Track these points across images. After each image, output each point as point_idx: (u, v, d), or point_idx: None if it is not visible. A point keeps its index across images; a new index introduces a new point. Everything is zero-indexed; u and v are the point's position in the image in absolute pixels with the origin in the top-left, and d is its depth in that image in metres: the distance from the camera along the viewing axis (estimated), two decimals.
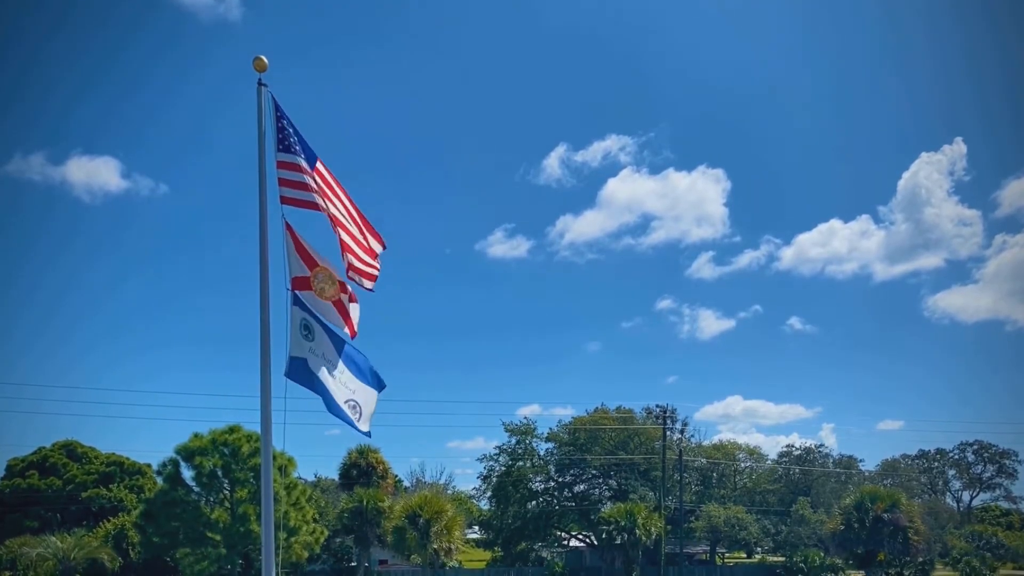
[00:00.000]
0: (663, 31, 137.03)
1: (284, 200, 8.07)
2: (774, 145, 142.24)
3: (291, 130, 8.06)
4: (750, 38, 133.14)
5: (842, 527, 46.00)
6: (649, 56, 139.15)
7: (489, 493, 66.85)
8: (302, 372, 7.95)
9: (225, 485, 39.27)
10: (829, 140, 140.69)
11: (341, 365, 8.41)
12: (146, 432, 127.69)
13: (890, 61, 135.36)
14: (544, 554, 67.25)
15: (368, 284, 8.61)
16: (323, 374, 8.11)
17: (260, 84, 7.92)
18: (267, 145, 7.98)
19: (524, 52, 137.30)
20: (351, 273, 8.37)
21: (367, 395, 8.58)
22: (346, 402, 8.30)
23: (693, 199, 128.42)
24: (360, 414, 8.43)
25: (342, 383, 8.36)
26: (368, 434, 8.56)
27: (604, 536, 51.01)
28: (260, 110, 7.93)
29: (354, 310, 8.59)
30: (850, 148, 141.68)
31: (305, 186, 8.14)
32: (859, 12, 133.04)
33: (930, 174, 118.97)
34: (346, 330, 8.51)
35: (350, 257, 8.35)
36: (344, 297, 8.45)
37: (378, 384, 8.74)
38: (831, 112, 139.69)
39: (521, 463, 65.08)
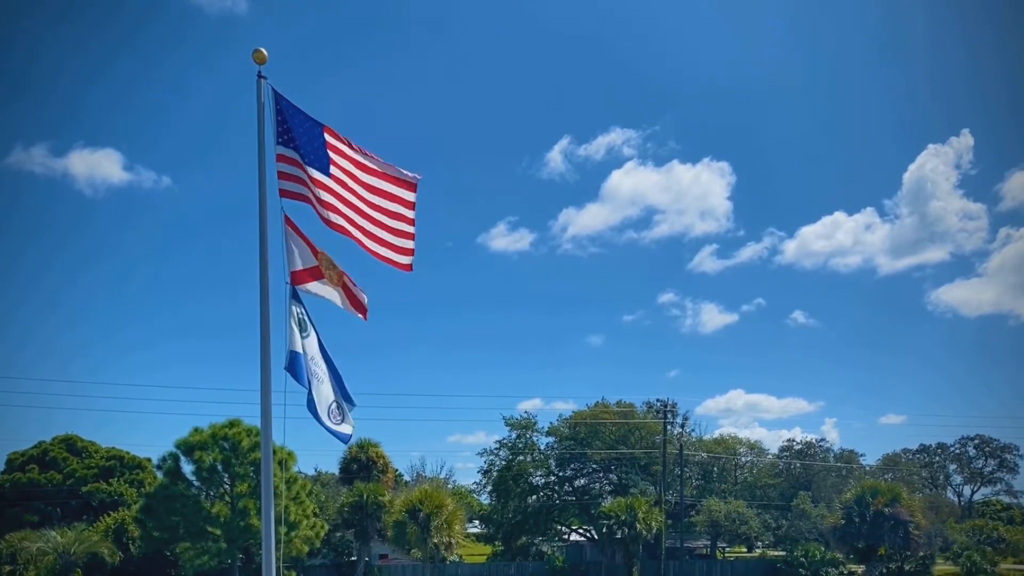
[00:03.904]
0: (668, 24, 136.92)
1: (283, 193, 8.01)
2: (779, 138, 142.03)
3: (293, 122, 7.96)
4: (755, 30, 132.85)
5: (843, 521, 45.91)
6: (654, 49, 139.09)
7: (489, 487, 66.97)
8: (301, 366, 7.90)
9: (225, 479, 39.31)
10: (834, 132, 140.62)
11: (325, 368, 8.37)
12: (146, 426, 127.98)
13: (896, 53, 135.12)
14: (544, 548, 67.30)
15: (404, 260, 8.50)
16: (310, 373, 8.08)
17: (260, 77, 7.84)
18: (267, 138, 7.91)
19: (528, 45, 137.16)
20: (382, 253, 8.37)
21: (344, 404, 8.57)
22: (331, 404, 8.29)
23: (697, 192, 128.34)
24: (343, 417, 8.46)
25: (328, 385, 8.36)
26: (347, 439, 8.61)
27: (604, 530, 50.95)
28: (260, 103, 7.84)
29: (362, 296, 8.56)
30: (855, 141, 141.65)
31: (303, 181, 8.08)
32: (864, 4, 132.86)
33: (936, 167, 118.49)
34: (359, 315, 8.52)
35: (372, 244, 8.31)
36: (348, 282, 8.42)
37: (349, 399, 8.67)
38: (836, 104, 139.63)
39: (521, 457, 65.12)
